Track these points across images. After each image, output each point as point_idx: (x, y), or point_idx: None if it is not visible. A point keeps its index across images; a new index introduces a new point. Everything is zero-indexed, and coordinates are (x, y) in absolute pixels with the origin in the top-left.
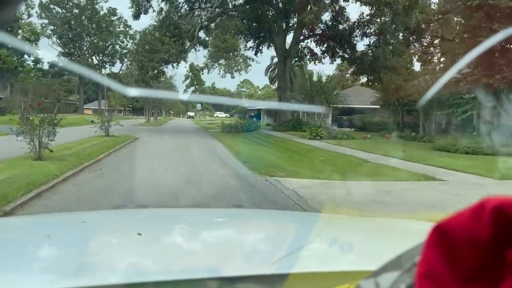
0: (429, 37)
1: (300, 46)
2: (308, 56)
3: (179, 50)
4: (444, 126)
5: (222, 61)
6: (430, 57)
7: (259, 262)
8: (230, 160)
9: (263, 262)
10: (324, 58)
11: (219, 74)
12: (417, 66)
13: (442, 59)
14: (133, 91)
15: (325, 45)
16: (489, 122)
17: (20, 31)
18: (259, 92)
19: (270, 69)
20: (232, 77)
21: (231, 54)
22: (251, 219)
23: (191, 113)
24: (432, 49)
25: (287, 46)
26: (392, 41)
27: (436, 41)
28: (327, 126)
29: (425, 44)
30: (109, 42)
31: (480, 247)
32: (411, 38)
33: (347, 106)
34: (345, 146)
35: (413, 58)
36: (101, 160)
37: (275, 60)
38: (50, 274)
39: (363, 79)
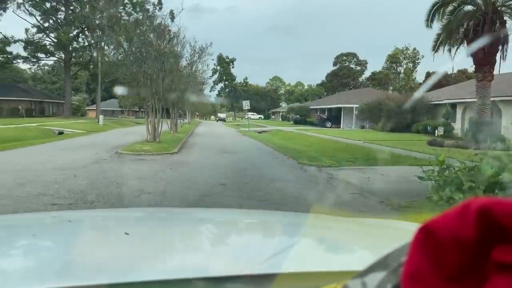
0: None
1: None
2: None
3: None
4: None
5: None
6: None
7: (247, 262)
8: None
9: (251, 262)
10: None
11: None
12: None
13: None
14: None
15: None
16: None
17: None
18: (291, 89)
19: (441, 8)
20: None
21: None
22: (239, 218)
23: (222, 115)
24: None
25: None
26: None
27: None
28: None
29: None
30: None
31: (465, 247)
32: None
33: None
34: None
35: None
36: None
37: None
38: (36, 274)
39: None
